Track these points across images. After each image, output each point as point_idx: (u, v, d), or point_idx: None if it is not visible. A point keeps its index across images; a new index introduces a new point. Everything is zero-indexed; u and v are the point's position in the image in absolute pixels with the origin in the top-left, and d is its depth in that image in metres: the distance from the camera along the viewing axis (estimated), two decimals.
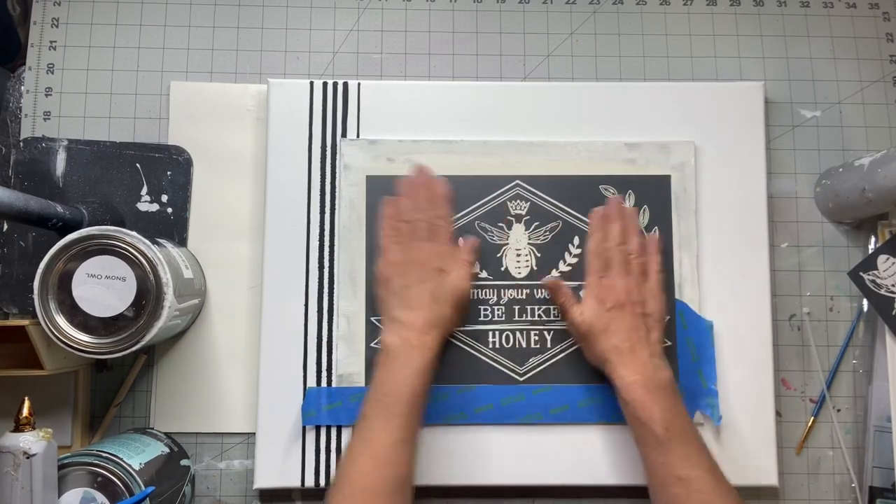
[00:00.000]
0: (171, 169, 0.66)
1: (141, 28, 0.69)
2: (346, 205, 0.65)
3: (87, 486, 0.52)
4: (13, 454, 0.48)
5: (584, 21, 0.71)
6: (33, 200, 0.54)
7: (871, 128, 0.69)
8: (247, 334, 0.65)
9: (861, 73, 0.70)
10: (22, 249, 0.64)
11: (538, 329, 0.64)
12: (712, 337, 0.64)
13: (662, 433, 0.53)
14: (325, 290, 0.64)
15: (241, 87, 0.68)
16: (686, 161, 0.66)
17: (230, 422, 0.65)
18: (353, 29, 0.70)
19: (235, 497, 0.64)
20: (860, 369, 0.66)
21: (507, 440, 0.62)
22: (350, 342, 0.63)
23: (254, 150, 0.67)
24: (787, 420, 0.66)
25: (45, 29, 0.69)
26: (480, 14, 0.71)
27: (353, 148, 0.65)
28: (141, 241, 0.54)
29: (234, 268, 0.66)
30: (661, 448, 0.53)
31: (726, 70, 0.70)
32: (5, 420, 0.52)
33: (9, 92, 0.68)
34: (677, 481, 0.52)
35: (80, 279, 0.54)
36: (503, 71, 0.70)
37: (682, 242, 0.65)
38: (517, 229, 0.65)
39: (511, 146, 0.66)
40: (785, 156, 0.69)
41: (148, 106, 0.68)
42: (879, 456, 0.63)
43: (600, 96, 0.67)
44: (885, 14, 0.71)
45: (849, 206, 0.65)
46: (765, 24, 0.71)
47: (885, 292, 0.63)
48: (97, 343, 0.54)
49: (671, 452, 0.53)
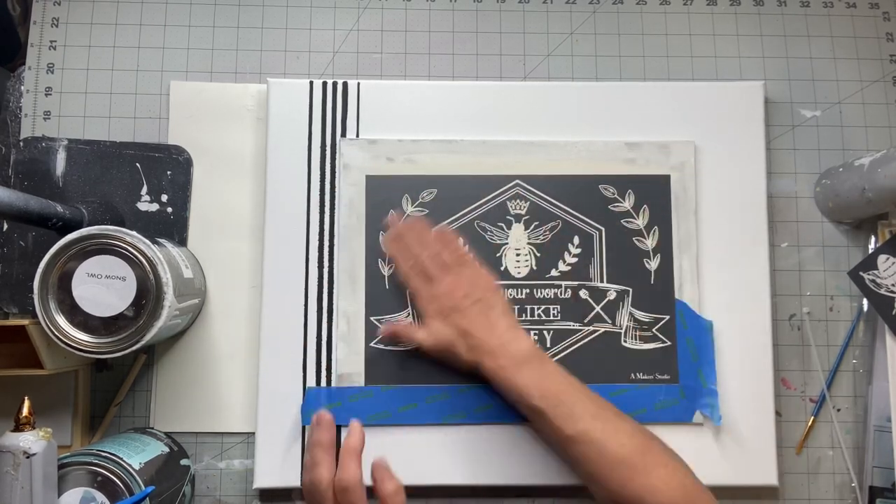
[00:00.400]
0: (171, 169, 0.66)
1: (141, 28, 0.69)
2: (345, 204, 0.65)
3: (87, 486, 0.52)
4: (13, 454, 0.48)
5: (584, 21, 0.71)
6: (33, 200, 0.54)
7: (871, 128, 0.69)
8: (247, 334, 0.65)
9: (861, 72, 0.70)
10: (22, 249, 0.64)
11: (538, 329, 0.64)
12: (712, 337, 0.64)
13: (539, 402, 0.53)
14: (324, 290, 0.64)
15: (241, 87, 0.68)
16: (686, 161, 0.66)
17: (230, 421, 0.65)
18: (353, 29, 0.70)
19: (235, 497, 0.64)
20: (860, 369, 0.66)
21: (507, 440, 0.62)
22: (350, 342, 0.63)
23: (254, 150, 0.67)
24: (787, 420, 0.66)
25: (45, 29, 0.69)
26: (480, 14, 0.71)
27: (352, 148, 0.65)
28: (141, 240, 0.54)
29: (234, 268, 0.66)
30: (543, 417, 0.53)
31: (726, 70, 0.70)
32: (5, 420, 0.52)
33: (9, 92, 0.68)
34: (569, 441, 0.52)
35: (80, 279, 0.54)
36: (503, 71, 0.70)
37: (682, 242, 0.65)
38: (517, 229, 0.65)
39: (511, 146, 0.66)
40: (785, 156, 0.69)
41: (148, 106, 0.68)
42: (879, 456, 0.63)
43: (600, 96, 0.67)
44: (885, 14, 0.71)
45: (849, 205, 0.65)
46: (765, 23, 0.71)
47: (885, 292, 0.63)
48: (97, 343, 0.54)
49: (555, 417, 0.53)
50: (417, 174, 0.65)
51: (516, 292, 0.64)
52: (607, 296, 0.64)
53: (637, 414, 0.62)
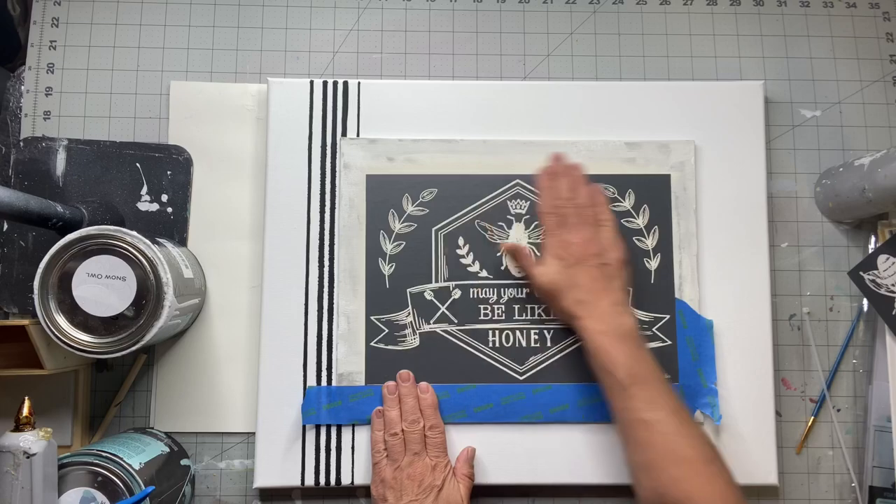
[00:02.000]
0: (171, 169, 0.66)
1: (141, 28, 0.69)
2: (346, 204, 0.65)
3: (87, 486, 0.52)
4: (13, 454, 0.48)
5: (584, 21, 0.71)
6: (33, 200, 0.54)
7: (871, 128, 0.69)
8: (247, 334, 0.65)
9: (861, 72, 0.70)
10: (22, 249, 0.64)
11: (538, 328, 0.64)
12: (712, 336, 0.64)
13: (625, 378, 0.54)
14: (325, 290, 0.64)
15: (241, 86, 0.68)
16: (686, 160, 0.66)
17: (230, 421, 0.65)
18: (353, 29, 0.70)
19: (235, 497, 0.64)
20: (860, 369, 0.66)
21: (507, 439, 0.62)
22: (350, 341, 0.63)
23: (254, 150, 0.67)
24: (787, 420, 0.66)
25: (45, 29, 0.69)
26: (480, 14, 0.71)
27: (353, 147, 0.65)
28: (141, 240, 0.54)
29: (234, 268, 0.66)
30: (624, 393, 0.54)
31: (726, 70, 0.70)
32: (5, 420, 0.52)
33: (9, 92, 0.68)
34: (641, 424, 0.53)
35: (81, 279, 0.54)
36: (503, 71, 0.70)
37: (682, 242, 0.65)
38: (517, 228, 0.65)
39: (511, 145, 0.66)
40: (785, 155, 0.69)
41: (148, 106, 0.68)
42: (879, 456, 0.63)
43: (600, 96, 0.67)
44: (885, 14, 0.71)
45: (849, 205, 0.65)
46: (765, 23, 0.71)
47: (885, 292, 0.63)
48: (97, 343, 0.54)
49: (635, 397, 0.53)
50: (418, 173, 0.65)
51: (516, 292, 0.64)
52: None
53: None
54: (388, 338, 0.64)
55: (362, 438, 0.62)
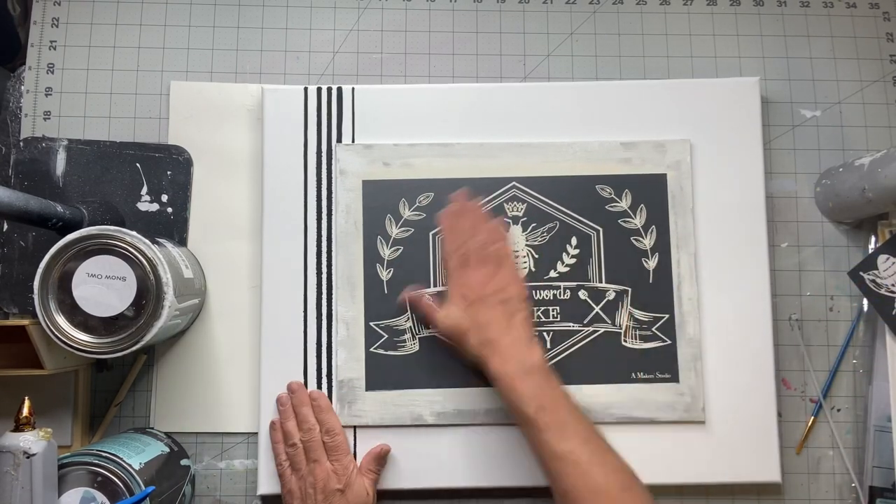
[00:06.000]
0: (171, 169, 0.66)
1: (141, 28, 0.69)
2: (342, 210, 0.65)
3: (87, 486, 0.52)
4: (13, 454, 0.48)
5: (584, 21, 0.71)
6: (33, 200, 0.54)
7: (871, 128, 0.69)
8: (247, 334, 0.65)
9: (861, 72, 0.70)
10: (22, 249, 0.64)
11: (538, 330, 0.64)
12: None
13: (534, 412, 0.53)
14: (323, 296, 0.64)
15: (241, 87, 0.68)
16: (682, 159, 0.66)
17: (230, 421, 0.65)
18: (353, 29, 0.70)
19: (235, 497, 0.64)
20: (860, 369, 0.66)
21: (507, 440, 0.62)
22: (350, 347, 0.63)
23: (254, 150, 0.67)
24: (787, 420, 0.66)
25: (45, 29, 0.69)
26: (480, 14, 0.71)
27: (348, 153, 0.65)
28: (141, 240, 0.54)
29: (234, 268, 0.66)
30: (535, 427, 0.53)
31: (726, 70, 0.70)
32: (5, 420, 0.52)
33: (9, 92, 0.68)
34: (554, 456, 0.52)
35: (80, 279, 0.54)
36: (503, 71, 0.70)
37: (680, 241, 0.65)
38: (514, 231, 0.65)
39: (507, 148, 0.66)
40: (785, 155, 0.69)
41: (148, 106, 0.68)
42: (879, 456, 0.63)
43: (595, 95, 0.67)
44: (885, 14, 0.71)
45: (849, 205, 0.64)
46: (765, 23, 0.71)
47: (885, 292, 0.63)
48: (97, 343, 0.54)
49: (546, 430, 0.53)
50: (414, 178, 0.65)
51: None
52: (606, 296, 0.64)
53: (638, 413, 0.62)
54: (387, 343, 0.63)
55: (365, 444, 0.62)
